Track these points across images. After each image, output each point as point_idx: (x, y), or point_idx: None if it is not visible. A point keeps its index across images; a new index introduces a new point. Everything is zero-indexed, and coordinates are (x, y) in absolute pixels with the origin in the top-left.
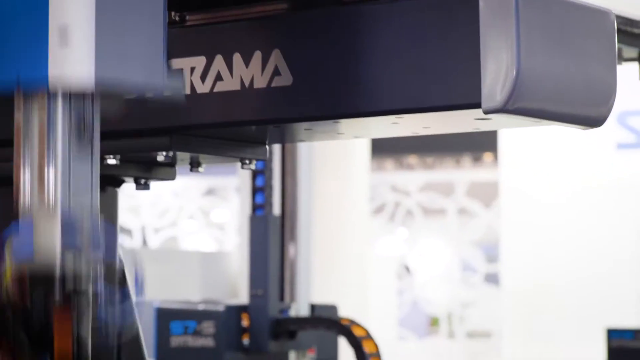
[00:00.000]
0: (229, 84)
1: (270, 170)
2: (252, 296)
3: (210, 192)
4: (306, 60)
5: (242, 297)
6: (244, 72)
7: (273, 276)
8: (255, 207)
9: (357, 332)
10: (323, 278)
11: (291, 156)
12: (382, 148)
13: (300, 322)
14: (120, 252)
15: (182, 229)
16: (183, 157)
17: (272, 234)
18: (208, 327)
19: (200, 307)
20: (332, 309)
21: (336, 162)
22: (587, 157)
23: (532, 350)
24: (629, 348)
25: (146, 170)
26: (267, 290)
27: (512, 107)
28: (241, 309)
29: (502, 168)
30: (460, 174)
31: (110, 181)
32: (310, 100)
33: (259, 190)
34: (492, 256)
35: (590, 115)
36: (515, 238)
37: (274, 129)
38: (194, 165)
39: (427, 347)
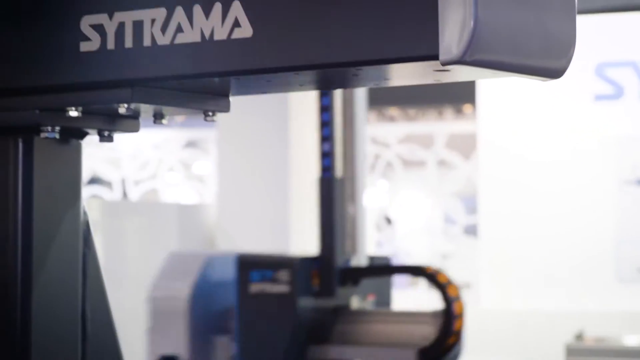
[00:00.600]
0: (190, 36)
1: (333, 138)
2: (322, 248)
3: (190, 144)
4: (266, 12)
5: (220, 246)
6: (204, 24)
7: (338, 232)
8: (323, 170)
9: (441, 278)
10: (303, 228)
11: (350, 127)
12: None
13: (388, 269)
14: (84, 204)
15: (163, 182)
16: (146, 109)
17: (337, 194)
18: (284, 275)
19: (277, 257)
20: (386, 259)
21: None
22: (564, 109)
23: (510, 300)
24: None
25: (109, 123)
26: (334, 244)
27: (470, 58)
28: (313, 259)
29: (480, 120)
30: (440, 125)
31: (73, 133)
32: (269, 52)
33: (326, 156)
34: (472, 208)
35: (549, 66)
36: (493, 190)
37: (236, 80)
38: (157, 117)
39: (408, 298)
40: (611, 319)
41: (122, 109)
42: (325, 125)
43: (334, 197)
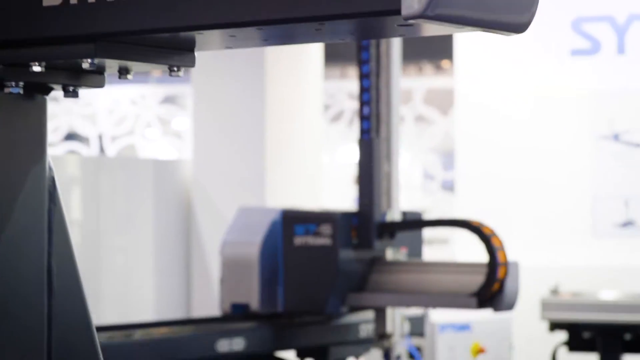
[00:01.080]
0: None
1: (374, 100)
2: (361, 204)
3: (168, 99)
4: None
5: (195, 202)
6: None
7: (377, 189)
8: (362, 132)
9: (486, 230)
10: (278, 184)
11: (386, 90)
12: (345, 56)
13: (432, 222)
14: (49, 160)
15: (140, 137)
16: (110, 64)
17: (375, 154)
18: (326, 229)
19: (320, 213)
20: (418, 214)
21: (289, 68)
22: (541, 64)
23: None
24: None
25: (73, 78)
26: (373, 200)
27: (431, 13)
28: (352, 214)
29: (457, 76)
30: (418, 81)
31: (37, 88)
32: (233, 7)
33: (365, 119)
34: (450, 163)
35: (512, 21)
36: (470, 146)
37: (200, 36)
38: (122, 72)
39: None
40: (587, 274)
41: (86, 64)
42: (365, 90)
43: (372, 158)
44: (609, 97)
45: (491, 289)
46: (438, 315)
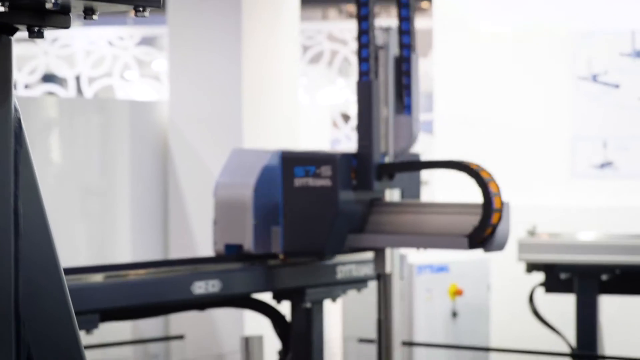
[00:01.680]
0: None
1: (372, 42)
2: (360, 146)
3: (146, 41)
4: None
5: (172, 143)
6: None
7: (376, 130)
8: (361, 74)
9: (484, 174)
10: (255, 126)
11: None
12: None
13: (430, 164)
14: (15, 101)
15: (118, 79)
16: (75, 4)
17: (374, 96)
18: (326, 170)
19: (320, 154)
20: (416, 156)
21: (266, 9)
22: (519, 5)
23: (464, 197)
24: None
25: (38, 18)
26: (372, 142)
27: None
28: (352, 156)
29: (436, 16)
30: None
31: (2, 29)
32: None
33: (364, 61)
34: (429, 105)
35: None
36: (448, 87)
37: None
38: (88, 12)
39: None
40: (565, 215)
41: (49, 4)
42: (364, 33)
43: (372, 100)
44: (587, 38)
45: (484, 233)
46: (415, 257)
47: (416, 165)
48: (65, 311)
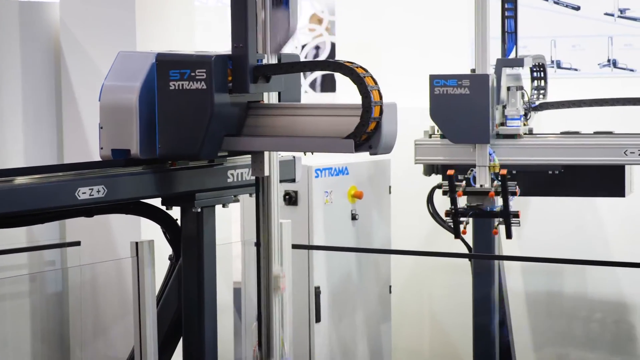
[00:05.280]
0: None
1: None
2: (234, 48)
3: None
4: None
5: (64, 45)
6: None
7: (251, 31)
8: None
9: (359, 70)
10: (149, 28)
11: None
12: None
13: (302, 65)
14: None
15: None
16: None
17: None
18: (201, 73)
19: (194, 57)
20: (296, 56)
21: None
22: None
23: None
24: (450, 94)
25: None
26: (247, 42)
27: None
28: (227, 57)
29: None
30: None
31: None
32: None
33: None
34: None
35: None
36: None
37: None
38: None
39: None
40: None
41: None
42: None
43: None
44: None
45: (366, 129)
46: (312, 159)
47: (293, 66)
48: None
